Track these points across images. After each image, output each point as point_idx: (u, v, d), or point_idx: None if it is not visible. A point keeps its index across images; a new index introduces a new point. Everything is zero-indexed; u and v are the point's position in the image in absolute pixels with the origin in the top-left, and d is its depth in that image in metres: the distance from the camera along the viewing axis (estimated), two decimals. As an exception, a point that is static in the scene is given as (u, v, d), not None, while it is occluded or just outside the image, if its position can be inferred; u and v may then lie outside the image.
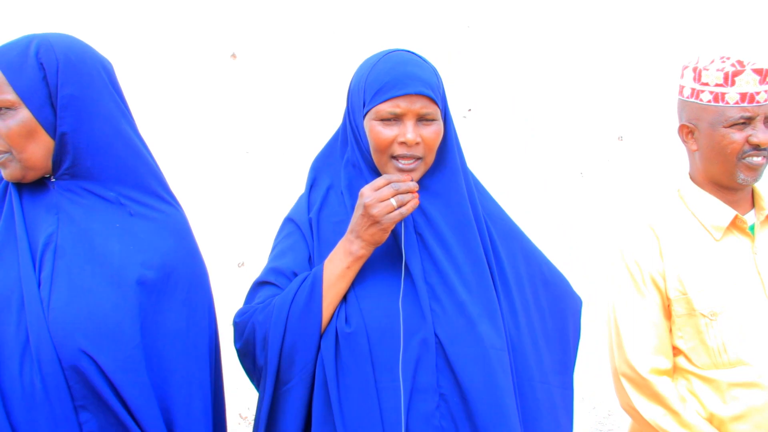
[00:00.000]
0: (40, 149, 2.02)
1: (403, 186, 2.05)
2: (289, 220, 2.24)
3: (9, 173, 2.03)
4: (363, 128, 2.13)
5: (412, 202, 2.05)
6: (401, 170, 2.09)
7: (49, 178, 2.06)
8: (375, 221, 2.03)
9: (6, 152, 2.02)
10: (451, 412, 2.06)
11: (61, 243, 1.99)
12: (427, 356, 2.05)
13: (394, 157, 2.09)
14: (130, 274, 2.00)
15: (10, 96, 1.99)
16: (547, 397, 2.20)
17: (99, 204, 2.04)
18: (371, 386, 2.04)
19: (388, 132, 2.08)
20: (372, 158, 2.13)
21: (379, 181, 2.05)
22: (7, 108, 2.00)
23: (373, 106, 2.08)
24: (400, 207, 2.04)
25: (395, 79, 2.07)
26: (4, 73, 1.99)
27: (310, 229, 2.19)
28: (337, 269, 2.08)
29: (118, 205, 2.05)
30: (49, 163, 2.03)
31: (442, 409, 2.06)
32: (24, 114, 2.00)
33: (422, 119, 2.07)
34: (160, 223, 2.08)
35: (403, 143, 2.07)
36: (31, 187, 2.06)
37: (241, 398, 3.79)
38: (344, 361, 2.06)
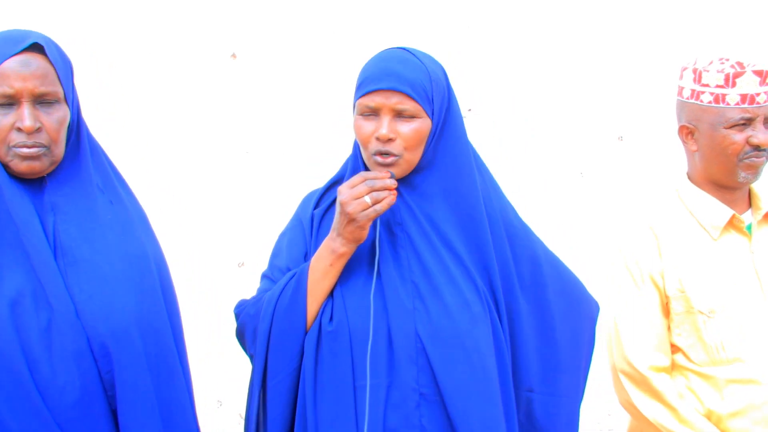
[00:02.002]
0: (64, 144, 2.00)
1: (379, 183, 2.04)
2: (295, 214, 2.26)
3: (39, 166, 1.97)
4: None
5: (388, 199, 2.04)
6: (380, 165, 2.08)
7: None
8: (351, 219, 2.03)
9: (46, 146, 1.96)
10: (432, 412, 2.04)
11: (65, 238, 1.97)
12: (407, 354, 2.04)
13: (376, 153, 2.09)
14: (135, 263, 2.00)
15: (59, 89, 1.97)
16: (544, 408, 2.19)
17: (85, 195, 2.02)
18: (348, 384, 2.05)
19: (367, 126, 2.08)
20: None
21: (355, 179, 2.06)
22: (55, 102, 1.97)
23: (356, 101, 2.10)
24: (375, 204, 2.03)
25: (373, 75, 2.08)
26: (55, 66, 1.96)
27: (311, 225, 2.20)
28: (321, 267, 2.09)
29: (99, 193, 2.03)
30: None
31: (423, 408, 2.04)
32: (66, 108, 1.98)
33: (400, 116, 2.06)
34: (131, 209, 2.08)
35: (378, 138, 2.07)
36: (12, 182, 1.99)
37: (242, 398, 3.79)
38: (323, 358, 2.07)
